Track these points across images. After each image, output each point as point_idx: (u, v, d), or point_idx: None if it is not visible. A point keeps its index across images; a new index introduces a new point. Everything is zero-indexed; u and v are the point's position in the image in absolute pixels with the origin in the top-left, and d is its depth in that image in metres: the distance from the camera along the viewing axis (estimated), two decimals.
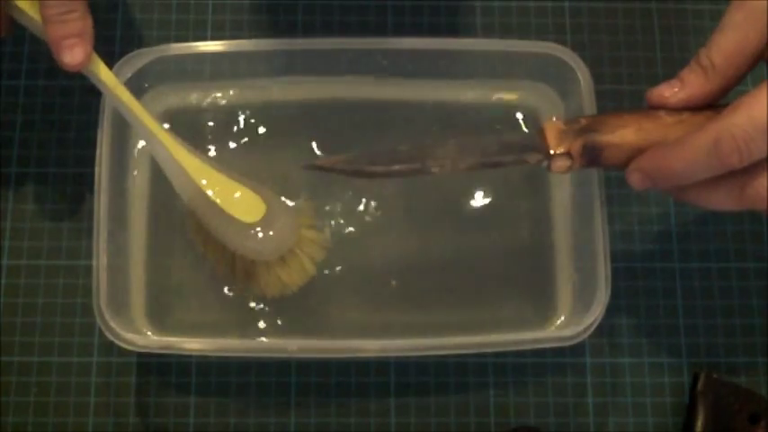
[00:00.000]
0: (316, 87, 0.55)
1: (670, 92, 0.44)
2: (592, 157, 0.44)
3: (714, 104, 0.44)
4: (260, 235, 0.48)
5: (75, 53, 0.45)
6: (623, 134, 0.44)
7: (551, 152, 0.45)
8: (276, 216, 0.48)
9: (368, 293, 0.53)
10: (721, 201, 0.43)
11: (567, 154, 0.44)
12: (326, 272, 0.53)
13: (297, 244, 0.49)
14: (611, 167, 0.46)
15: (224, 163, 0.50)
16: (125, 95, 0.47)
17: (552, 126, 0.45)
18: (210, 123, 0.55)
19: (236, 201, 0.48)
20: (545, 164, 0.45)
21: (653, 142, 0.43)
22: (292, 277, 0.49)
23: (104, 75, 0.47)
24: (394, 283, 0.53)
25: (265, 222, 0.48)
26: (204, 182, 0.48)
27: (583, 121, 0.45)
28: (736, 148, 0.40)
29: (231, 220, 0.47)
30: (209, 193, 0.48)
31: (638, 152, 0.44)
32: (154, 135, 0.48)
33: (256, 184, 0.49)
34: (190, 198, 0.49)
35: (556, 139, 0.45)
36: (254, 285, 0.50)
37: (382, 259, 0.53)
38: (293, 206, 0.52)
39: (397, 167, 0.46)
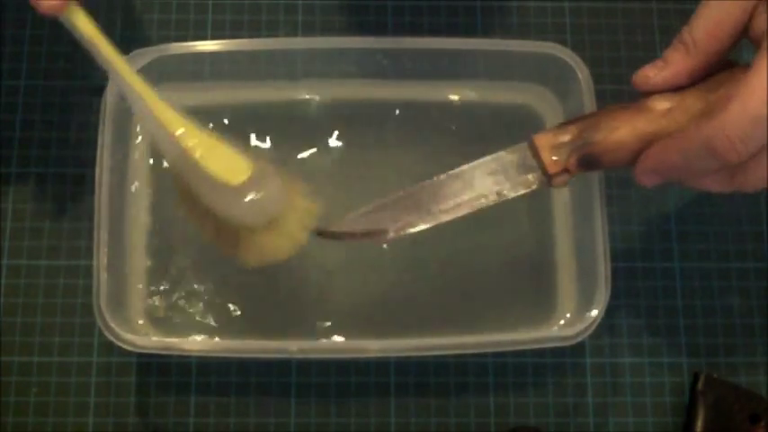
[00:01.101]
0: (316, 87, 0.55)
1: (653, 72, 0.44)
2: (589, 165, 0.44)
3: (699, 81, 0.44)
4: (244, 197, 0.44)
5: None
6: (617, 138, 0.44)
7: (549, 173, 0.45)
8: (263, 178, 0.45)
9: (368, 293, 0.53)
10: (710, 185, 0.43)
11: (565, 170, 0.45)
12: (326, 271, 0.53)
13: (287, 210, 0.46)
14: (610, 168, 0.46)
15: None
16: (105, 47, 0.44)
17: (543, 141, 0.45)
18: (210, 123, 0.55)
19: (220, 161, 0.45)
20: (544, 182, 0.45)
21: (647, 138, 0.43)
22: (280, 245, 0.46)
23: (83, 24, 0.44)
24: (394, 282, 0.53)
25: (250, 184, 0.44)
26: (186, 139, 0.45)
27: (573, 130, 0.45)
28: (732, 148, 0.40)
29: (215, 181, 0.44)
30: (192, 152, 0.44)
31: (634, 152, 0.44)
32: (134, 90, 0.45)
33: (244, 148, 0.46)
34: (173, 159, 0.46)
35: (550, 158, 0.44)
36: (240, 252, 0.46)
37: (381, 258, 0.53)
38: (283, 171, 0.48)
39: (407, 223, 0.46)
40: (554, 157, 0.44)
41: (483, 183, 0.46)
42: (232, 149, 0.45)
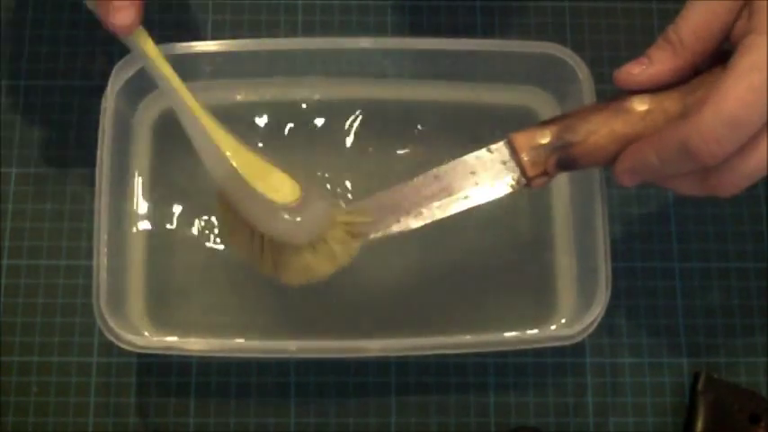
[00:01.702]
0: (316, 87, 0.55)
1: (638, 69, 0.44)
2: (568, 167, 0.45)
3: (680, 82, 0.44)
4: (294, 216, 0.46)
5: (124, 15, 0.44)
6: (596, 140, 0.44)
7: (529, 175, 0.45)
8: (311, 199, 0.46)
9: (367, 293, 0.53)
10: (684, 187, 0.43)
11: (544, 173, 0.45)
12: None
13: (330, 232, 0.47)
14: (589, 168, 0.46)
15: None
16: (165, 68, 0.46)
17: (522, 141, 0.45)
18: None
19: (271, 182, 0.46)
20: (523, 182, 0.45)
21: (625, 140, 0.43)
22: (322, 265, 0.47)
23: (148, 46, 0.46)
24: (394, 282, 0.53)
25: (300, 204, 0.46)
26: (239, 162, 0.46)
27: (552, 130, 0.44)
28: (707, 149, 0.39)
29: (265, 200, 0.46)
30: (243, 173, 0.46)
31: (612, 153, 0.44)
32: (192, 112, 0.46)
33: (291, 169, 0.47)
34: (222, 178, 0.47)
35: (530, 160, 0.44)
36: (281, 271, 0.48)
37: (382, 258, 0.53)
38: (327, 192, 0.49)
39: (386, 227, 0.46)
40: (533, 159, 0.44)
41: (462, 185, 0.46)
42: (281, 171, 0.46)
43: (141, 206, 0.53)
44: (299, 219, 0.46)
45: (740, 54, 0.40)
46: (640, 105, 0.43)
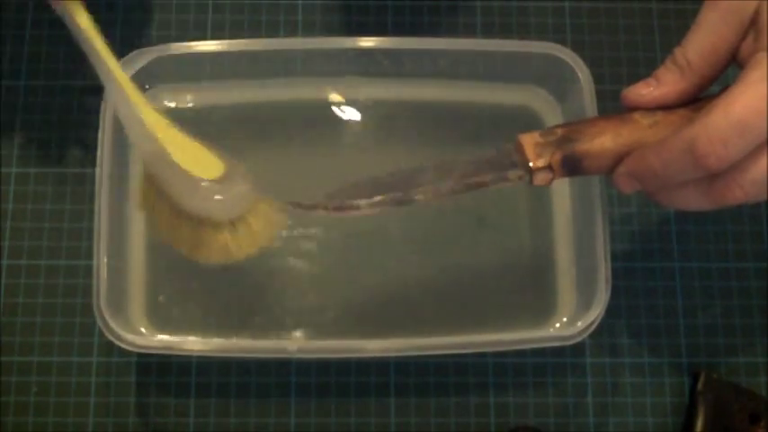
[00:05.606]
0: (316, 87, 0.55)
1: (646, 90, 0.44)
2: (572, 167, 0.44)
3: (688, 103, 0.44)
4: (214, 192, 0.46)
5: None
6: (601, 142, 0.44)
7: (531, 166, 0.44)
8: (233, 177, 0.46)
9: (368, 293, 0.53)
10: (686, 196, 0.43)
11: (548, 167, 0.44)
12: (327, 272, 0.53)
13: (251, 212, 0.47)
14: (592, 174, 0.46)
15: None
16: (96, 39, 0.45)
17: (529, 139, 0.45)
18: (210, 123, 0.55)
19: (194, 158, 0.46)
20: (526, 179, 0.45)
21: (631, 147, 0.43)
22: (241, 245, 0.47)
23: (80, 16, 0.45)
24: (394, 282, 0.53)
25: (221, 180, 0.46)
26: (164, 138, 0.46)
27: (559, 132, 0.45)
28: (713, 151, 0.39)
29: (186, 175, 0.46)
30: (169, 148, 0.46)
31: (617, 159, 0.44)
32: (121, 87, 0.46)
33: (217, 150, 0.47)
34: (147, 153, 0.47)
35: (534, 153, 0.44)
36: (200, 248, 0.47)
37: (382, 259, 0.53)
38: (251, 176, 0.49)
39: (379, 198, 0.45)
40: (538, 152, 0.44)
41: (462, 172, 0.45)
42: (205, 148, 0.46)
43: None
44: (219, 194, 0.46)
45: (749, 68, 0.40)
46: (647, 119, 0.44)
